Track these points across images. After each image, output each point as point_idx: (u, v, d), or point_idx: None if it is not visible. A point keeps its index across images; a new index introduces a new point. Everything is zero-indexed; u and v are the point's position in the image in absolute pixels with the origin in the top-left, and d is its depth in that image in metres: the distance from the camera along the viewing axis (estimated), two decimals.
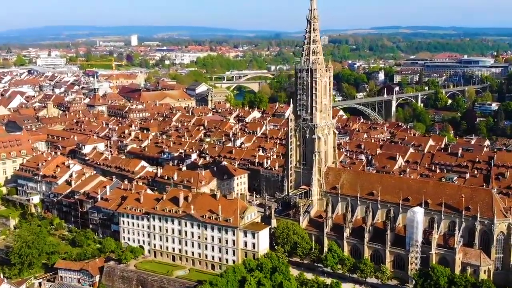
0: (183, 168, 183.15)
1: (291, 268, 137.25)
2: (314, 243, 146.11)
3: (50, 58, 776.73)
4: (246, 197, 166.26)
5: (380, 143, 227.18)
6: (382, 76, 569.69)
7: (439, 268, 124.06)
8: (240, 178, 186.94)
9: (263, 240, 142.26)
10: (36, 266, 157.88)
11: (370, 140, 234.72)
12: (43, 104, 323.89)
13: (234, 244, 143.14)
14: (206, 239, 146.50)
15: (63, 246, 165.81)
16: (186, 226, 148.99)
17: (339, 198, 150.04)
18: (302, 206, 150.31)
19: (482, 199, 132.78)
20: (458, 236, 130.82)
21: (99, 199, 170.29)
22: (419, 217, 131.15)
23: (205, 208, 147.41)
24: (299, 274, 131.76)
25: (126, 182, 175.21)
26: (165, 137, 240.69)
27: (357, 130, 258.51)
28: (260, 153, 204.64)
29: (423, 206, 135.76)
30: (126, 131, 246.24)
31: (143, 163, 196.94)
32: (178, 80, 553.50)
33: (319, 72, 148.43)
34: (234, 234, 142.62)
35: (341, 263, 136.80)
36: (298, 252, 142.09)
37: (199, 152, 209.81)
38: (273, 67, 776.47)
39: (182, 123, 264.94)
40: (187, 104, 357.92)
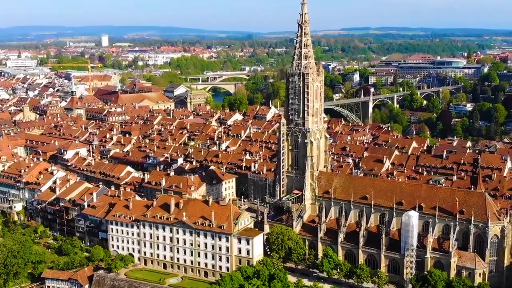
0: (171, 173, 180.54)
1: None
2: (308, 248, 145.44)
3: (21, 60, 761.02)
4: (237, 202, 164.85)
5: (364, 145, 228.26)
6: (357, 77, 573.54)
7: (437, 272, 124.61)
8: (228, 182, 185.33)
9: (257, 246, 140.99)
10: (22, 276, 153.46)
11: (354, 142, 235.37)
12: (19, 108, 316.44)
13: (228, 251, 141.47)
14: (199, 246, 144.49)
15: (49, 255, 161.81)
16: (178, 233, 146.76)
17: (332, 203, 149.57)
18: (295, 211, 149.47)
19: (475, 202, 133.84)
20: (453, 239, 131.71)
21: (86, 206, 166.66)
22: (414, 221, 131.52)
23: (197, 214, 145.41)
24: (297, 280, 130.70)
25: (113, 188, 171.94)
26: (147, 141, 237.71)
27: (340, 132, 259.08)
28: (247, 157, 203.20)
29: (417, 209, 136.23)
30: (108, 135, 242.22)
31: (129, 168, 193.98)
32: (153, 81, 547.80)
33: (311, 76, 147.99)
34: (228, 241, 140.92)
35: (337, 268, 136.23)
36: (293, 258, 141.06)
37: (184, 156, 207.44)
38: (247, 68, 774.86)
39: (164, 126, 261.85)
40: (166, 107, 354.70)
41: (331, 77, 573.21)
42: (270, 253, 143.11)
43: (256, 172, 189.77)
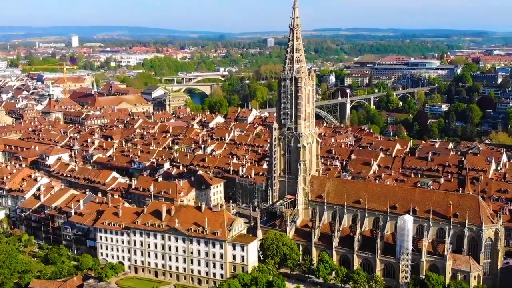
0: (159, 178, 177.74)
1: None
2: (302, 253, 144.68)
3: None
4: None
5: (348, 147, 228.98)
6: (333, 79, 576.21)
7: (434, 276, 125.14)
8: (217, 187, 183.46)
9: (252, 252, 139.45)
10: (8, 286, 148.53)
11: (338, 145, 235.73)
12: None
13: (222, 258, 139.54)
14: (192, 253, 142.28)
15: (35, 264, 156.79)
16: (170, 240, 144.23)
17: (325, 207, 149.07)
18: (288, 216, 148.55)
19: (469, 206, 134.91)
20: (448, 242, 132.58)
21: (72, 213, 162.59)
22: (410, 225, 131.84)
23: (190, 221, 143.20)
24: (296, 287, 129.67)
25: (100, 195, 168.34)
26: (130, 145, 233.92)
27: (323, 134, 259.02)
28: (234, 160, 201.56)
29: (410, 213, 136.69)
30: (89, 140, 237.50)
31: (114, 174, 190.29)
32: (128, 83, 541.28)
33: (303, 80, 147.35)
34: (222, 248, 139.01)
35: (333, 273, 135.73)
36: (288, 263, 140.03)
37: (169, 160, 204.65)
38: (222, 69, 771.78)
39: (146, 130, 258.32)
40: (144, 109, 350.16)
41: None
42: (264, 259, 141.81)
43: (244, 176, 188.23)
